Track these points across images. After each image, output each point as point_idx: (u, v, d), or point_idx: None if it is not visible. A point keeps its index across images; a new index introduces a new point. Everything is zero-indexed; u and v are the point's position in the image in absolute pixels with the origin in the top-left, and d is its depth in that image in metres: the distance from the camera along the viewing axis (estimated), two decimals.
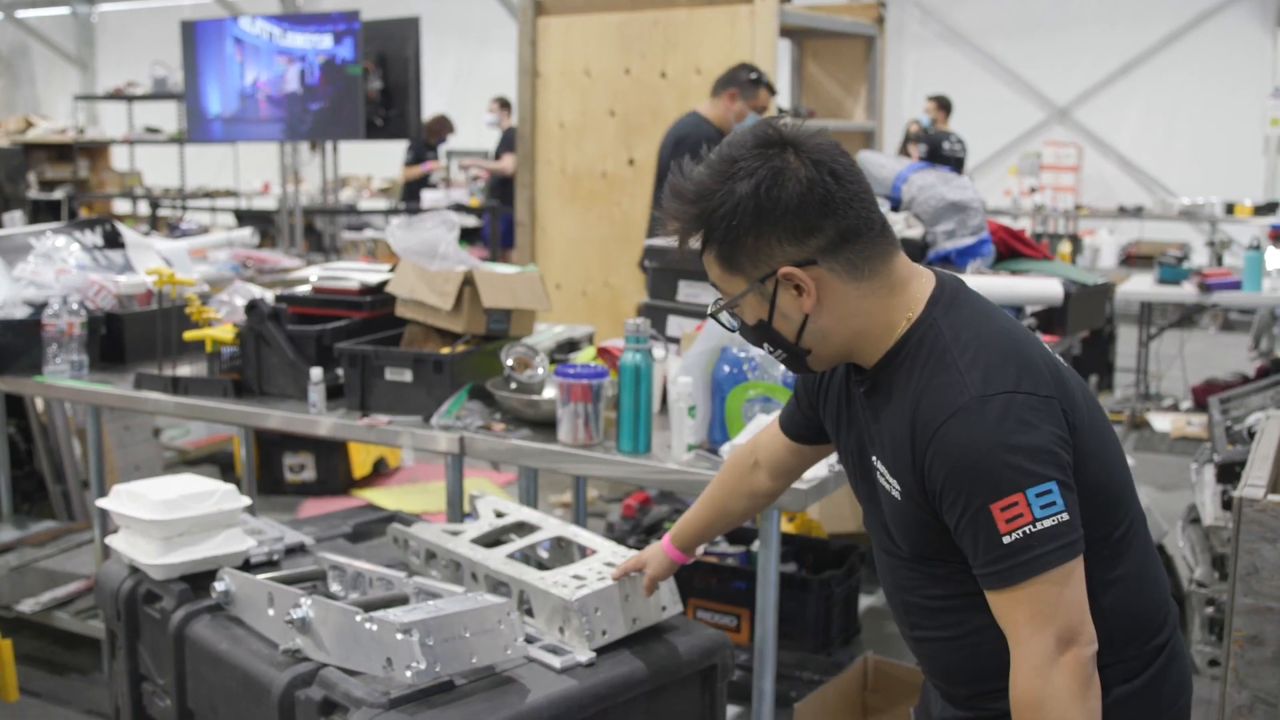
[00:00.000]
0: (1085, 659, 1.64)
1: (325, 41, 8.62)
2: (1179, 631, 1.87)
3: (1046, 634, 1.63)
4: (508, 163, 10.72)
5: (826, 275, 1.72)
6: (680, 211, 1.75)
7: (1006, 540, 1.61)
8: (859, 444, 1.87)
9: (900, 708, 3.52)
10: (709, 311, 1.85)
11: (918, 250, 4.55)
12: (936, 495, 1.68)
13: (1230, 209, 11.05)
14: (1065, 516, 1.61)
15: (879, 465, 1.80)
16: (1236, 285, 7.28)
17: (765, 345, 1.82)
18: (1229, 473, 3.82)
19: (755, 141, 1.71)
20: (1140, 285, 7.92)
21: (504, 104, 11.87)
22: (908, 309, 1.76)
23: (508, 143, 11.08)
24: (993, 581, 1.66)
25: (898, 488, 1.76)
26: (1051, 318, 4.57)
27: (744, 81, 5.50)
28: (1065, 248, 10.62)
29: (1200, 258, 10.85)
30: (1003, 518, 1.61)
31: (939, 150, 5.35)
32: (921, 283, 1.79)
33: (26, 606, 4.30)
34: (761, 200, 1.68)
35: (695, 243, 1.77)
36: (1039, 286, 4.32)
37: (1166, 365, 8.64)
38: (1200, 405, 7.99)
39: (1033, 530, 1.61)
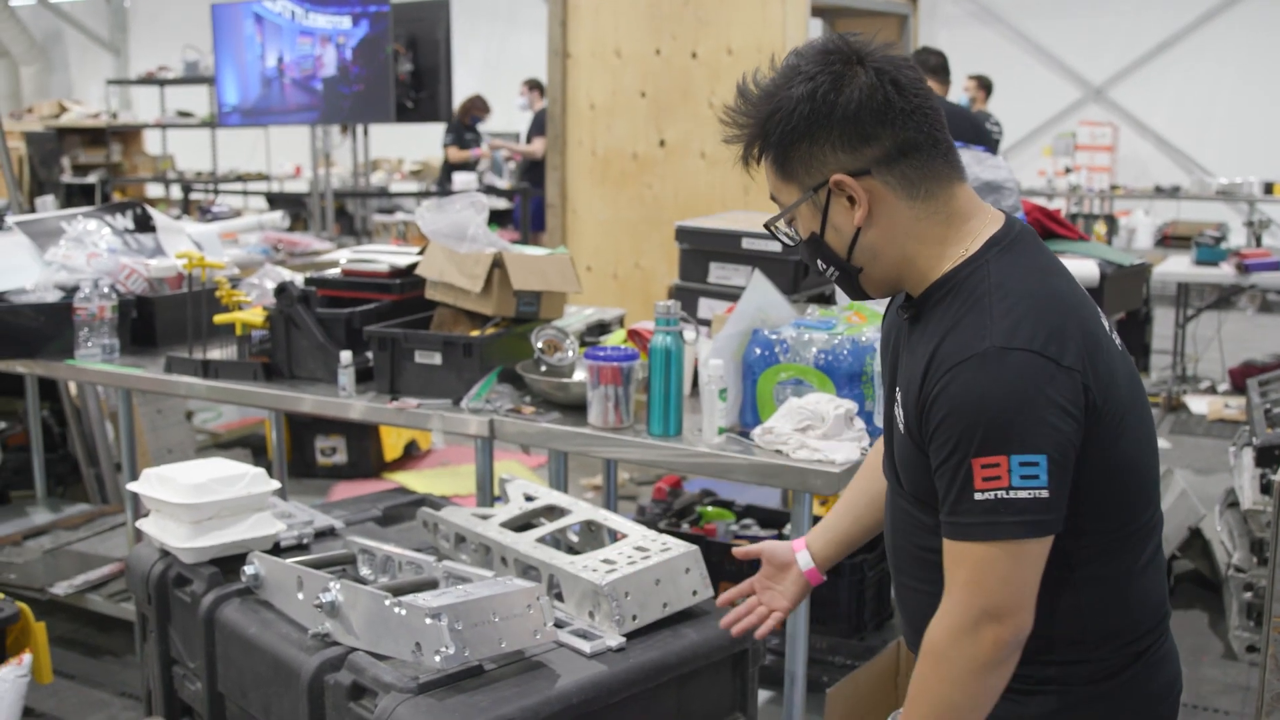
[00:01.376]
0: (1005, 641, 1.60)
1: (345, 23, 8.61)
2: (1169, 637, 1.79)
3: (977, 601, 1.60)
4: (538, 146, 10.70)
5: (880, 188, 1.68)
6: (742, 115, 1.73)
7: (977, 497, 1.58)
8: (891, 376, 1.82)
9: None
10: (765, 223, 1.82)
11: None
12: (930, 433, 1.64)
13: (1269, 189, 10.89)
14: (1044, 494, 1.56)
15: (898, 395, 1.76)
16: (1275, 266, 7.19)
17: (819, 262, 1.78)
18: (1268, 456, 3.76)
19: (821, 50, 1.69)
20: (1177, 266, 7.84)
21: (534, 86, 11.85)
22: (963, 243, 1.71)
23: (539, 126, 11.06)
24: (950, 530, 1.62)
25: (903, 419, 1.72)
26: None
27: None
28: (1100, 228, 10.52)
29: (1238, 238, 10.72)
30: (981, 474, 1.57)
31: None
32: (985, 220, 1.73)
33: (60, 589, 4.32)
34: (818, 104, 1.66)
35: (753, 149, 1.74)
36: (1075, 267, 4.25)
37: (1204, 347, 8.55)
38: (1238, 388, 7.90)
39: (1005, 496, 1.56)
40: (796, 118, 1.67)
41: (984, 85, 10.55)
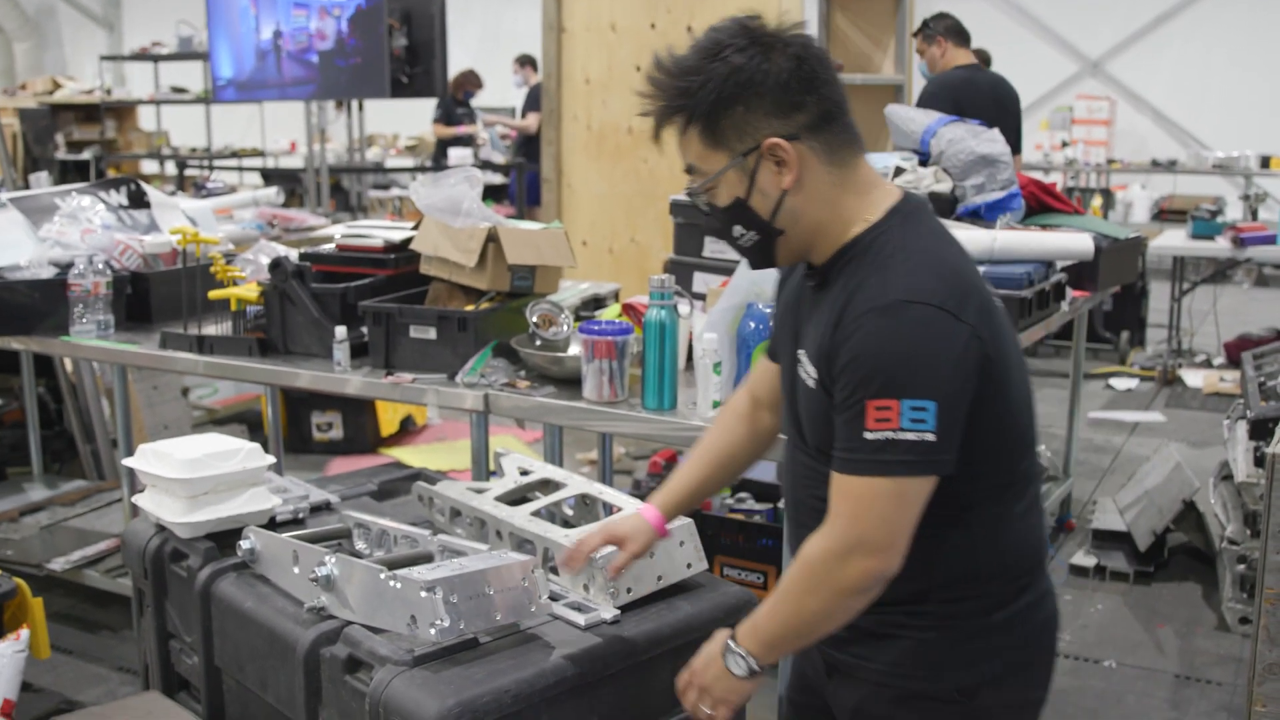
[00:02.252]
0: (871, 573, 1.73)
1: None
2: (1048, 578, 1.96)
3: (854, 531, 1.73)
4: (532, 121, 10.67)
5: (806, 153, 1.80)
6: (665, 87, 1.82)
7: (868, 436, 1.70)
8: (793, 337, 1.93)
9: None
10: (686, 191, 1.89)
11: (947, 205, 4.50)
12: (835, 379, 1.76)
13: (1265, 163, 10.88)
14: (931, 438, 1.68)
15: (802, 357, 1.87)
16: (1271, 240, 7.19)
17: (736, 228, 1.87)
18: (1262, 429, 3.77)
19: (742, 26, 1.80)
20: (1173, 240, 7.84)
21: (526, 62, 11.80)
22: (867, 212, 1.83)
23: (533, 101, 11.02)
24: (839, 465, 1.75)
25: (813, 375, 1.83)
26: (1082, 272, 4.52)
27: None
28: (1097, 202, 10.51)
29: (1234, 212, 10.72)
30: (874, 415, 1.69)
31: None
32: (885, 192, 1.86)
33: (57, 565, 4.34)
34: (753, 73, 1.76)
35: (677, 120, 1.83)
36: (1070, 241, 4.26)
37: (1199, 321, 8.56)
38: (1233, 361, 7.91)
39: (893, 437, 1.68)
40: (730, 85, 1.76)
41: (983, 59, 10.49)
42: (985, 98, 5.95)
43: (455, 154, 10.55)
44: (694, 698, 1.96)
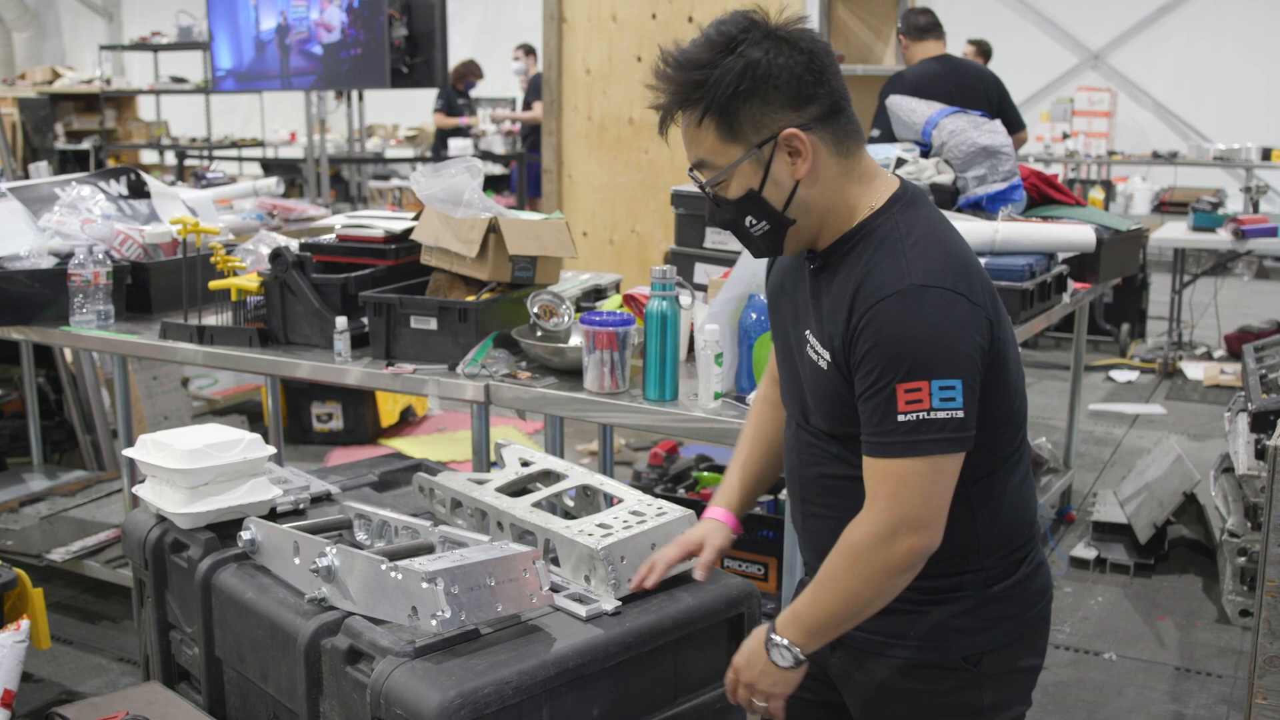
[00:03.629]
0: (918, 549, 1.80)
1: None
2: (1041, 549, 2.04)
3: (897, 511, 1.79)
4: (539, 111, 10.66)
5: (818, 143, 1.85)
6: (678, 80, 1.84)
7: (900, 419, 1.75)
8: (795, 318, 1.99)
9: None
10: (702, 186, 1.92)
11: (948, 196, 4.50)
12: (856, 364, 1.81)
13: (1266, 155, 10.87)
14: (960, 414, 1.75)
15: (810, 338, 1.92)
16: (1272, 232, 7.18)
17: (748, 219, 1.90)
18: (1263, 421, 3.76)
19: (748, 20, 1.83)
20: (1174, 232, 7.83)
21: (529, 50, 11.77)
22: (870, 199, 1.89)
23: (536, 90, 11.00)
24: (874, 449, 1.80)
25: (826, 358, 1.87)
26: (1084, 264, 4.52)
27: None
28: (1097, 194, 10.49)
29: (1235, 204, 10.69)
30: (904, 398, 1.74)
31: None
32: (886, 180, 1.93)
33: (57, 555, 4.33)
34: (769, 66, 1.80)
35: (691, 113, 1.85)
36: (1072, 233, 4.26)
37: (1200, 313, 8.56)
38: (1234, 353, 7.91)
39: (926, 417, 1.74)
40: (748, 78, 1.80)
41: (983, 50, 10.47)
42: (947, 87, 5.86)
43: (455, 144, 10.54)
44: (745, 695, 2.01)
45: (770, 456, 2.26)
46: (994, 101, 6.02)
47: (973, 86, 6.06)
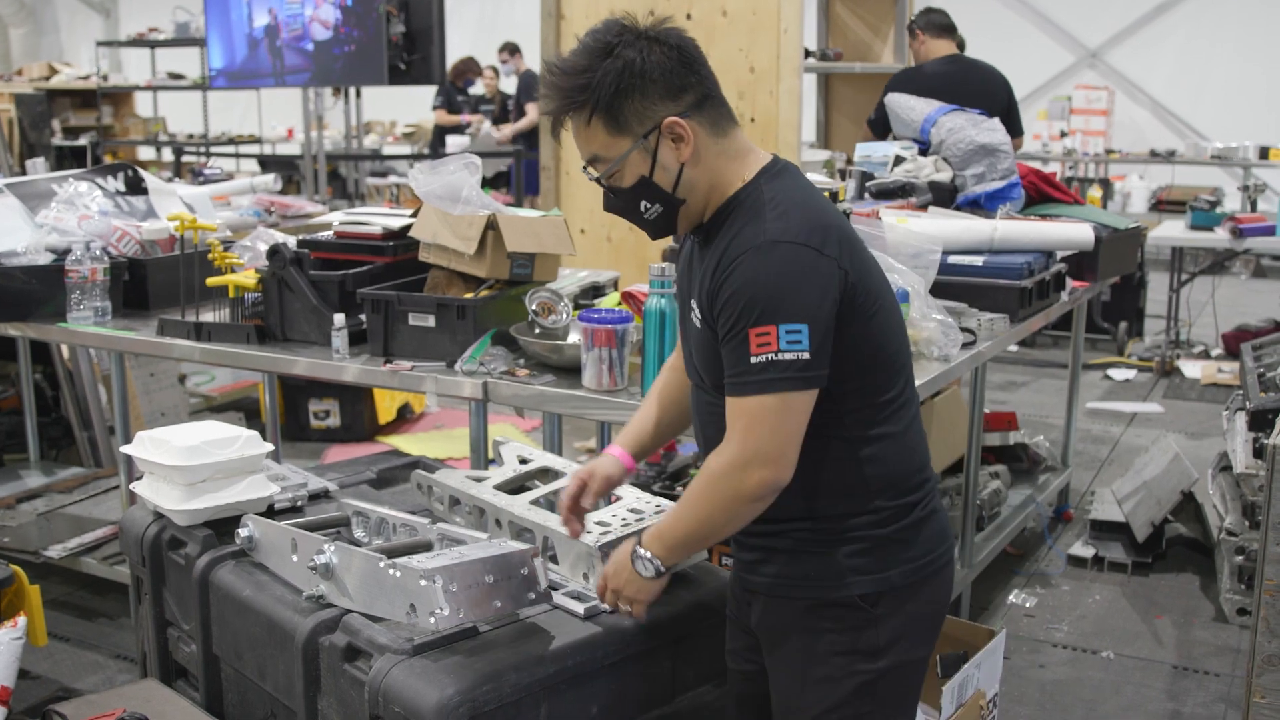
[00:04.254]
0: (767, 482, 1.98)
1: None
2: (937, 495, 2.20)
3: (750, 444, 1.97)
4: (533, 113, 10.64)
5: (697, 128, 2.03)
6: (564, 86, 2.02)
7: (752, 360, 1.93)
8: (686, 291, 2.19)
9: None
10: (597, 177, 2.10)
11: (947, 194, 4.49)
12: (717, 315, 1.99)
13: (1264, 153, 10.84)
14: (806, 355, 1.92)
15: (693, 304, 2.11)
16: (1270, 230, 7.18)
17: (642, 204, 2.08)
18: (1261, 420, 3.76)
19: (619, 25, 2.03)
20: (1172, 231, 7.83)
21: (514, 50, 11.74)
22: (742, 174, 2.08)
23: (528, 89, 10.98)
24: (731, 389, 1.98)
25: (699, 316, 2.08)
26: (1082, 262, 4.52)
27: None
28: (1095, 192, 10.49)
29: (1233, 203, 10.69)
30: (755, 341, 1.93)
31: None
32: (758, 156, 2.11)
33: (54, 552, 4.32)
34: (645, 64, 1.99)
35: (579, 114, 2.03)
36: (1070, 231, 4.26)
37: (1198, 312, 8.56)
38: (1231, 352, 7.91)
39: (774, 358, 1.92)
40: (627, 76, 1.99)
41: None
42: (958, 86, 5.88)
43: (453, 141, 10.52)
44: (612, 599, 2.22)
45: (669, 412, 2.42)
46: (1003, 104, 6.04)
47: (986, 87, 6.09)
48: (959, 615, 4.05)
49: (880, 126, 5.67)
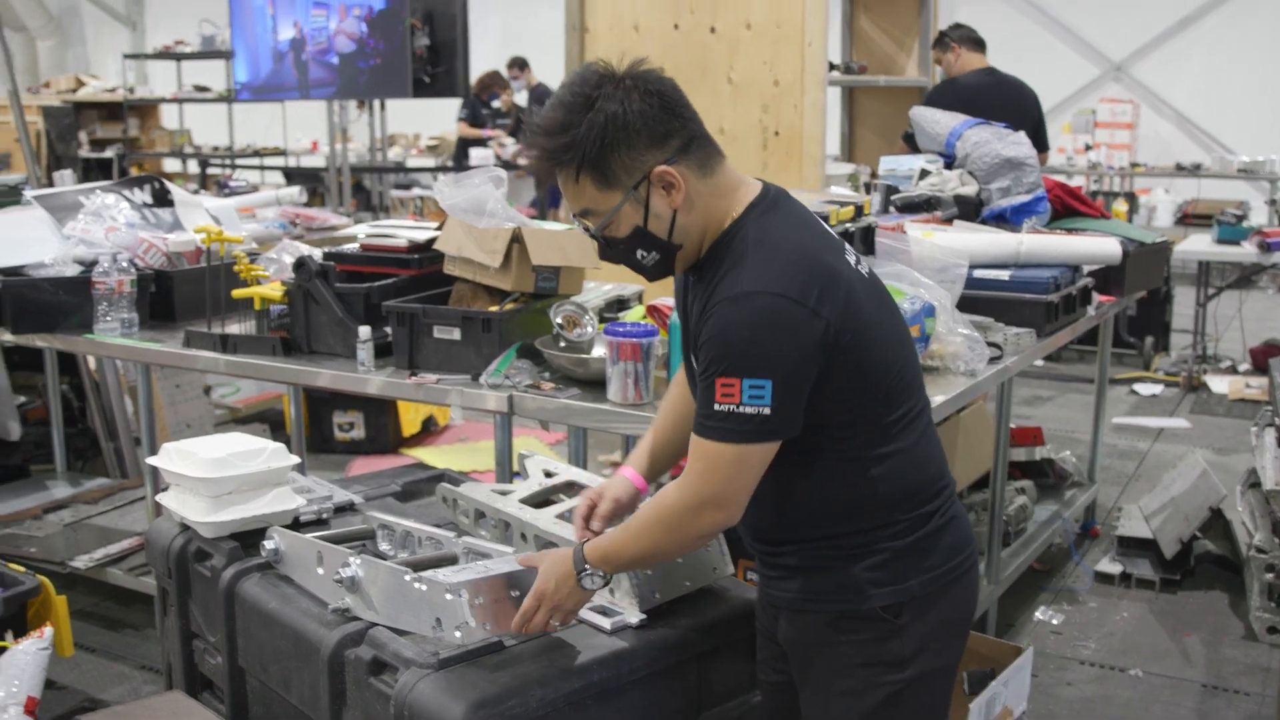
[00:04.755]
0: (717, 524, 2.03)
1: None
2: (956, 503, 2.20)
3: (706, 489, 2.00)
4: None
5: (686, 172, 2.01)
6: (549, 145, 2.00)
7: (716, 408, 1.95)
8: (685, 320, 2.19)
9: None
10: (591, 233, 2.09)
11: (972, 208, 4.47)
12: (696, 353, 2.02)
13: None
14: (767, 411, 1.92)
15: (695, 342, 2.10)
16: None
17: (638, 253, 2.08)
18: None
19: (596, 74, 2.00)
20: (1198, 245, 7.79)
21: (523, 65, 11.76)
22: (731, 210, 2.06)
23: (541, 102, 10.99)
24: (696, 426, 2.00)
25: (695, 359, 2.07)
26: (1109, 277, 4.49)
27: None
28: (1120, 206, 10.44)
29: (1260, 216, 10.62)
30: (720, 390, 1.94)
31: None
32: (748, 188, 2.09)
33: (80, 562, 4.34)
34: (627, 116, 1.96)
35: (566, 171, 2.01)
36: (1097, 245, 4.24)
37: (1225, 326, 8.50)
38: (1259, 367, 7.86)
39: (735, 410, 1.93)
40: (611, 130, 1.96)
41: None
42: (995, 100, 5.94)
43: (477, 154, 10.55)
44: (544, 618, 2.18)
45: (680, 428, 2.36)
46: (1034, 118, 6.07)
47: (1021, 101, 6.15)
48: (985, 632, 4.02)
49: (916, 142, 5.67)
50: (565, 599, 2.17)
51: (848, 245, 2.14)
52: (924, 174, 4.67)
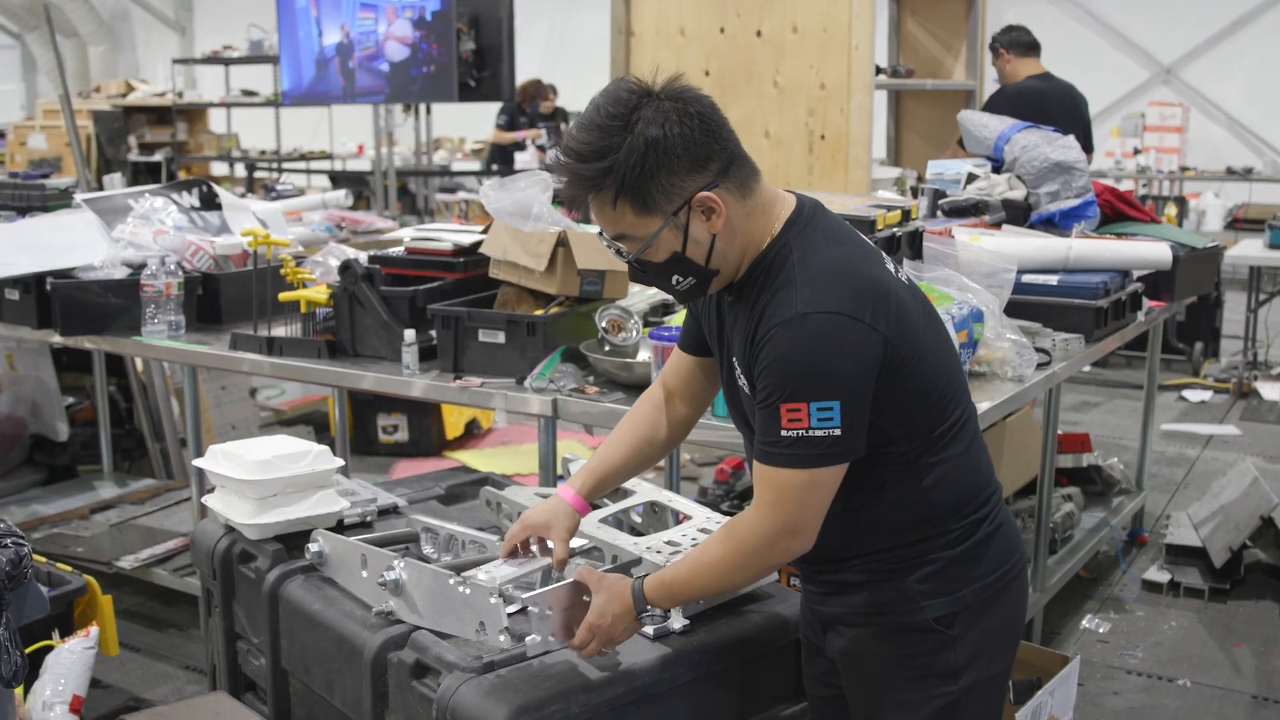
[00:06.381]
0: (793, 552, 1.99)
1: None
2: (1004, 508, 2.17)
3: (780, 518, 1.95)
4: None
5: (725, 195, 1.95)
6: (584, 171, 1.92)
7: (784, 434, 1.91)
8: (726, 349, 2.11)
9: None
10: (628, 259, 2.02)
11: (1021, 212, 4.43)
12: (754, 380, 1.96)
13: None
14: (837, 432, 1.89)
15: (736, 365, 2.06)
16: None
17: (674, 278, 2.02)
18: None
19: (631, 96, 1.91)
20: (1249, 249, 7.69)
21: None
22: (770, 229, 2.01)
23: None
24: (762, 456, 1.95)
25: (745, 383, 2.03)
26: (1159, 282, 4.44)
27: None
28: (1170, 210, 10.32)
29: None
30: (787, 416, 1.89)
31: None
32: (783, 204, 2.04)
33: (126, 562, 4.37)
34: (668, 140, 1.89)
35: (603, 197, 1.94)
36: (1147, 250, 4.18)
37: (1275, 332, 8.38)
38: None
39: (805, 434, 1.89)
40: (651, 156, 1.89)
41: None
42: (1055, 105, 5.93)
43: (521, 158, 10.57)
44: (595, 649, 2.13)
45: (633, 454, 2.34)
46: (1084, 121, 6.05)
47: (1073, 106, 6.13)
48: (1031, 640, 3.98)
49: None
50: (622, 634, 2.14)
51: (884, 254, 2.10)
52: (971, 178, 4.63)
